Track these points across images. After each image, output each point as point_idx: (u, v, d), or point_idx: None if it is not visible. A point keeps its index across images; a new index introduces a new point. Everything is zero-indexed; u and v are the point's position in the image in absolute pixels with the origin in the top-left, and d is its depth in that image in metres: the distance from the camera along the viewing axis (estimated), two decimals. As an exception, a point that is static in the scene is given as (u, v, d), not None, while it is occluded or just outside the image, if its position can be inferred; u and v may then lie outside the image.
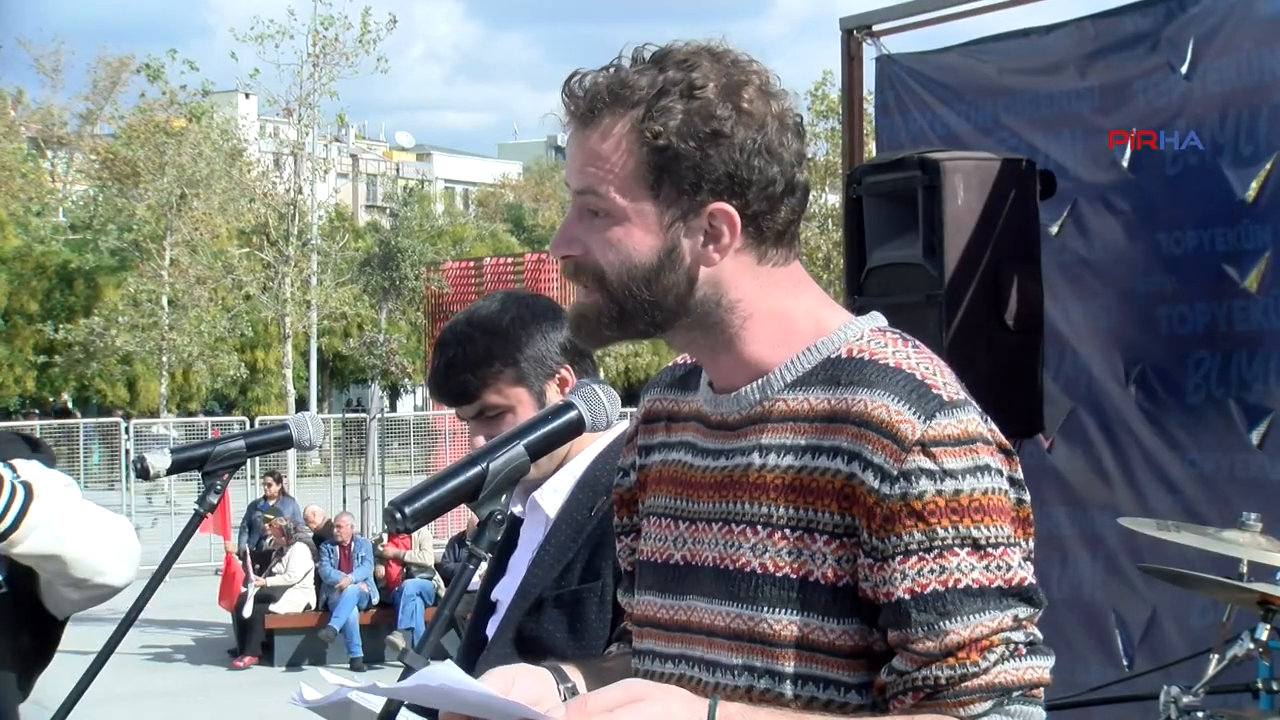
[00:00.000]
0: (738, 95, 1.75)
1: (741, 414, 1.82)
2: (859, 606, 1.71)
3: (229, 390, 39.86)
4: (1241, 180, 4.89)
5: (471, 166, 74.09)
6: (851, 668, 1.72)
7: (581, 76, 1.79)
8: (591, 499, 2.66)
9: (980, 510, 1.68)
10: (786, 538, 1.74)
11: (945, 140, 5.77)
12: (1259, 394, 4.95)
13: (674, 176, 1.74)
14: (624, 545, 2.05)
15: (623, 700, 1.56)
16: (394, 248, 26.44)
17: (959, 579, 1.66)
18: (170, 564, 2.63)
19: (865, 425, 1.70)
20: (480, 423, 2.75)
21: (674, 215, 1.76)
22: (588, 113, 1.76)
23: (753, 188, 1.75)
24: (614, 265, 1.77)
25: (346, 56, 30.97)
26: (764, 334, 1.80)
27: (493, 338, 2.73)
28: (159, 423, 28.88)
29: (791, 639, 1.72)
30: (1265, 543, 4.00)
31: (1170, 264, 5.19)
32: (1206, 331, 5.11)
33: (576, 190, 1.79)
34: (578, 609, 2.60)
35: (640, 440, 2.01)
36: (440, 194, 62.82)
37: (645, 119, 1.74)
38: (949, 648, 1.65)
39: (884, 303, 4.73)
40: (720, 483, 1.82)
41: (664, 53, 1.78)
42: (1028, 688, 1.68)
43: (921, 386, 1.71)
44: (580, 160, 1.78)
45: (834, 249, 26.67)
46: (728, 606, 1.78)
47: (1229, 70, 4.93)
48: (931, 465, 1.67)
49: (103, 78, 41.33)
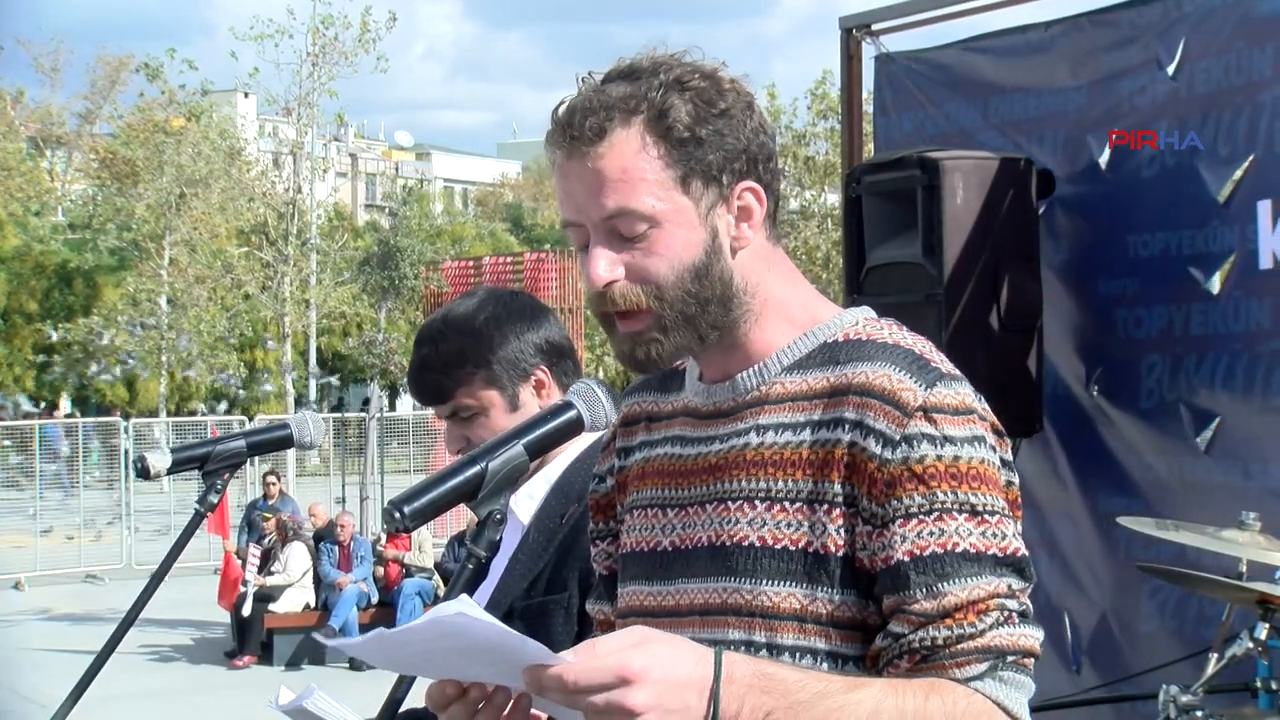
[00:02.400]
0: (718, 80, 1.79)
1: (737, 400, 1.84)
2: (857, 578, 1.73)
3: (228, 390, 39.86)
4: (1217, 181, 4.88)
5: (471, 166, 74.10)
6: (849, 639, 1.73)
7: (569, 105, 1.78)
8: (564, 506, 2.62)
9: (977, 478, 1.71)
10: (786, 510, 1.75)
11: (935, 139, 5.76)
12: (1205, 398, 4.95)
13: (701, 165, 1.76)
14: (599, 550, 2.05)
15: (632, 642, 1.57)
16: (393, 247, 26.48)
17: (957, 542, 1.68)
18: (170, 564, 2.63)
19: (867, 394, 1.73)
20: (455, 423, 2.71)
21: (708, 203, 1.78)
22: (596, 133, 1.74)
23: (761, 162, 1.80)
24: (666, 275, 1.76)
25: (346, 56, 31.05)
26: (771, 323, 1.83)
27: (465, 338, 2.68)
28: (159, 422, 28.87)
29: (791, 611, 1.73)
30: (1264, 542, 4.00)
31: (1135, 266, 5.18)
32: (1160, 335, 5.10)
33: (605, 217, 1.76)
34: (544, 620, 2.55)
35: (618, 444, 2.01)
36: (439, 193, 62.81)
37: (658, 118, 1.75)
38: (946, 609, 1.67)
39: (883, 301, 4.74)
40: (715, 465, 1.83)
41: (628, 67, 1.79)
42: (1022, 654, 1.70)
43: (920, 359, 1.75)
44: (597, 184, 1.75)
45: (833, 248, 26.67)
46: (725, 582, 1.78)
47: (1216, 70, 4.92)
48: (933, 430, 1.70)
49: (101, 77, 41.32)
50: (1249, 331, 4.82)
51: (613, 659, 1.55)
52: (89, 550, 21.51)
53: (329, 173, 41.04)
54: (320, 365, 35.79)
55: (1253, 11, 4.82)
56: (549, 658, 1.55)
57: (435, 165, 71.45)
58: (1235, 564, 4.19)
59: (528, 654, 1.56)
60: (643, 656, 1.55)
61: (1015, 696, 1.69)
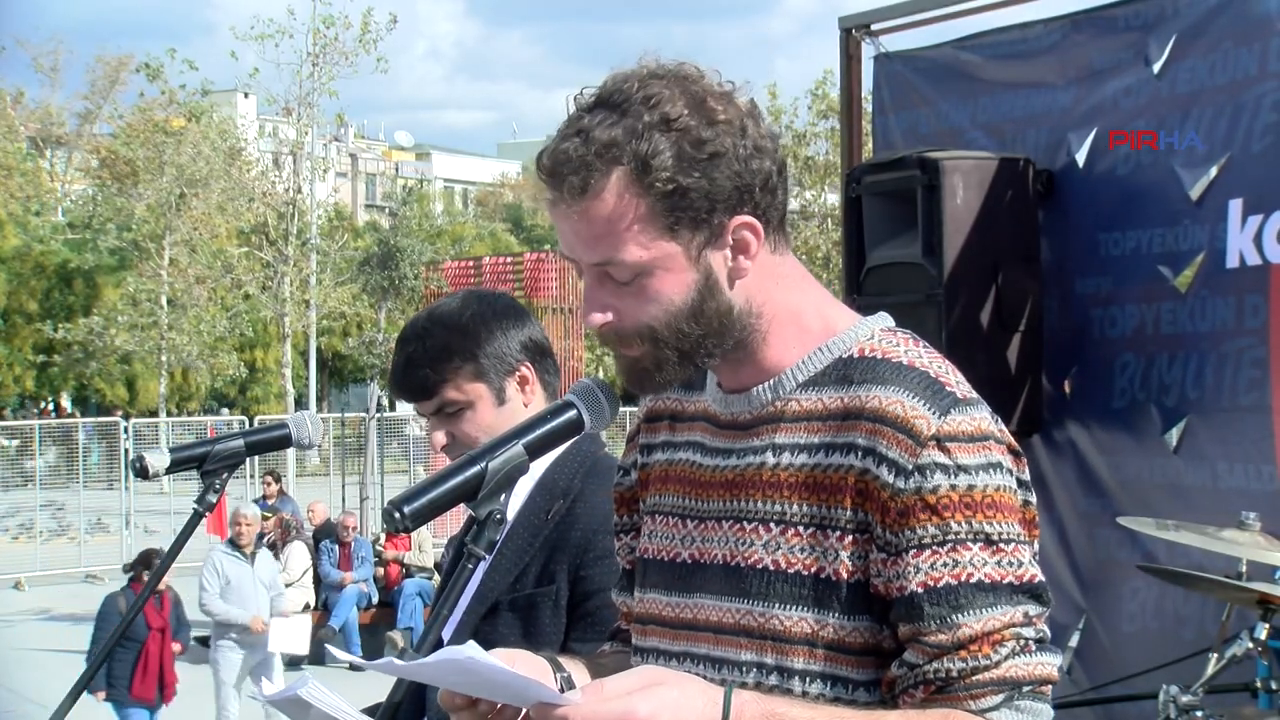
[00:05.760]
0: (707, 109, 1.74)
1: (753, 414, 1.83)
2: (870, 603, 1.72)
3: (228, 390, 39.86)
4: (1192, 179, 4.88)
5: (471, 166, 74.08)
6: (860, 665, 1.73)
7: (553, 152, 1.75)
8: (548, 503, 2.63)
9: (993, 506, 1.69)
10: (800, 534, 1.75)
11: (929, 138, 5.76)
12: (1175, 398, 4.95)
13: (689, 211, 1.73)
14: (623, 544, 2.05)
15: (639, 685, 1.57)
16: (393, 247, 26.50)
17: (971, 573, 1.67)
18: (169, 563, 2.63)
19: (880, 421, 1.71)
20: (439, 419, 2.71)
21: (699, 245, 1.75)
22: (580, 189, 1.72)
23: (756, 189, 1.76)
24: (658, 317, 1.76)
25: (346, 56, 31.06)
26: (782, 336, 1.81)
27: (452, 333, 2.69)
28: (160, 421, 28.88)
29: (803, 635, 1.73)
30: (1264, 542, 4.00)
31: (1108, 265, 5.18)
32: (1134, 334, 5.10)
33: (593, 264, 1.76)
34: (532, 613, 2.57)
35: (642, 439, 2.01)
36: (439, 193, 62.82)
37: (641, 170, 1.71)
38: (961, 640, 1.66)
39: (883, 302, 4.74)
40: (731, 481, 1.83)
41: (617, 95, 1.74)
42: (1038, 683, 1.69)
43: (935, 384, 1.73)
44: (585, 233, 1.75)
45: (834, 248, 26.68)
46: (738, 603, 1.78)
47: (1202, 69, 4.91)
48: (946, 460, 1.68)
49: (101, 77, 41.33)
50: (1215, 330, 4.83)
51: (619, 703, 1.55)
52: (89, 550, 21.52)
53: (329, 173, 41.06)
54: (320, 365, 35.80)
55: (1245, 11, 4.81)
56: (555, 698, 1.56)
57: (435, 165, 71.42)
58: (1235, 563, 4.19)
59: (535, 692, 1.57)
60: (650, 702, 1.55)
61: None
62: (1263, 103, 4.70)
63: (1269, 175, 4.66)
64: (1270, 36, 4.70)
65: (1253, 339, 4.71)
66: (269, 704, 2.08)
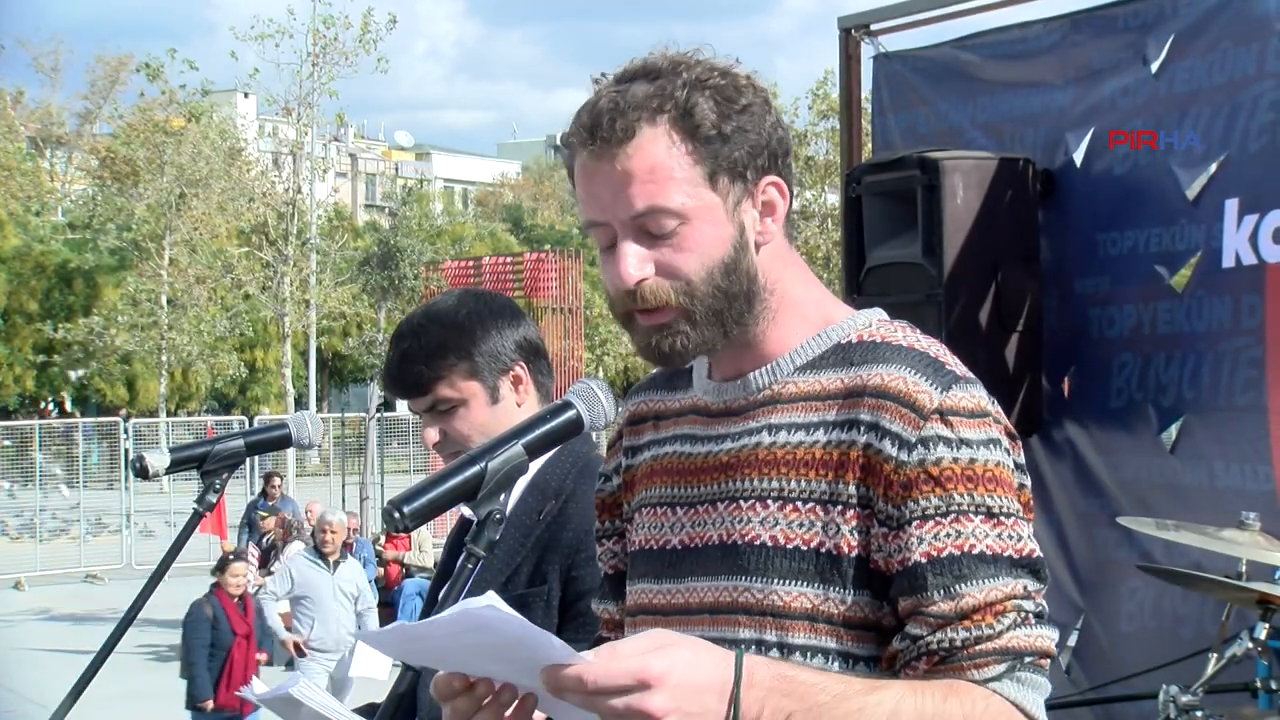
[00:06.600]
0: (733, 76, 1.80)
1: (749, 398, 1.84)
2: (870, 579, 1.73)
3: (228, 390, 39.87)
4: (1189, 179, 4.88)
5: (471, 166, 74.10)
6: (861, 639, 1.74)
7: (592, 108, 1.77)
8: (540, 503, 2.63)
9: (993, 480, 1.71)
10: (799, 510, 1.76)
11: (928, 137, 5.77)
12: (1172, 398, 4.95)
13: (727, 161, 1.77)
14: (605, 549, 2.05)
15: (652, 646, 1.57)
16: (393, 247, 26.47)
17: (974, 544, 1.69)
18: (169, 563, 2.63)
19: (883, 396, 1.73)
20: (433, 416, 2.72)
21: (735, 199, 1.78)
22: (625, 134, 1.74)
23: (780, 156, 1.82)
24: (696, 271, 1.77)
25: (346, 56, 31.05)
26: (786, 322, 1.84)
27: (448, 331, 2.70)
28: (160, 421, 28.88)
29: (803, 611, 1.74)
30: (1264, 542, 4.00)
31: (1106, 265, 5.18)
32: (1131, 334, 5.10)
33: (634, 215, 1.76)
34: (523, 614, 2.52)
35: (626, 442, 2.01)
36: (439, 193, 62.81)
37: (684, 116, 1.75)
38: (964, 610, 1.68)
39: (883, 301, 4.71)
40: (726, 464, 1.83)
41: (645, 66, 1.80)
42: (1038, 655, 1.71)
43: (936, 362, 1.76)
44: (626, 184, 1.75)
45: (834, 248, 26.68)
46: (736, 581, 1.78)
47: (1200, 69, 4.91)
48: (949, 433, 1.71)
49: (101, 77, 41.39)
50: (1211, 330, 4.83)
51: (633, 662, 1.54)
52: (89, 550, 21.53)
53: (329, 173, 41.05)
54: (320, 365, 35.80)
55: (1244, 11, 4.81)
56: (570, 656, 1.55)
57: (435, 165, 71.45)
58: (1234, 563, 4.19)
59: (551, 650, 1.56)
60: (663, 660, 1.55)
61: (1032, 697, 1.70)
62: (1260, 102, 4.70)
63: (1265, 175, 4.66)
64: (1268, 36, 4.70)
65: (1249, 339, 4.71)
66: (261, 703, 2.08)
